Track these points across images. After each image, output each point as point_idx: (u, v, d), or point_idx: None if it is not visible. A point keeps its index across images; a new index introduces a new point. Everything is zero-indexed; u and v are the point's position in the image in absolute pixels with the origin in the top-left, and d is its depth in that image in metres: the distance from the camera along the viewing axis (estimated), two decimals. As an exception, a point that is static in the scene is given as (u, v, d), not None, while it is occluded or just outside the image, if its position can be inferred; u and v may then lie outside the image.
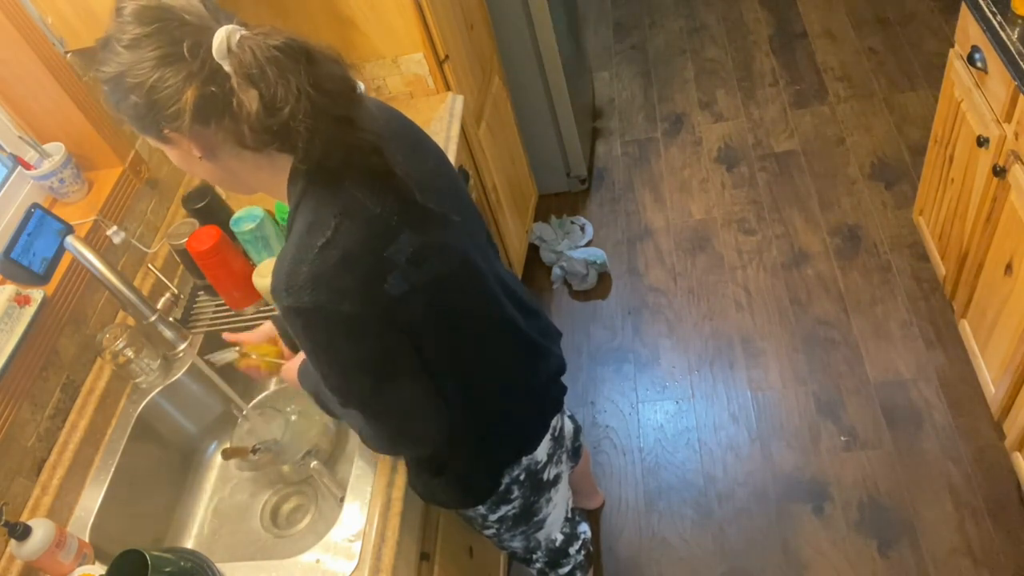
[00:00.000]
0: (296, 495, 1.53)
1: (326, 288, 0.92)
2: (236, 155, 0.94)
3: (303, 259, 0.93)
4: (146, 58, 0.86)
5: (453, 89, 2.08)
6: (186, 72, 0.86)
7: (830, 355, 2.34)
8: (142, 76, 0.86)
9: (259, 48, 0.84)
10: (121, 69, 0.87)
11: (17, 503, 1.34)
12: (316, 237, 0.93)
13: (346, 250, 0.93)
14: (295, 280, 0.92)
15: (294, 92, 0.85)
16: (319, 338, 0.97)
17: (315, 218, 0.94)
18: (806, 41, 3.47)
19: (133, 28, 0.86)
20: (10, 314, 1.36)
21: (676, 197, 2.96)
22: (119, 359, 1.51)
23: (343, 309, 0.93)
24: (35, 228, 1.44)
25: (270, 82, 0.84)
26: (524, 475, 1.31)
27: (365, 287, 0.94)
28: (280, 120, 0.85)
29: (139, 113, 0.90)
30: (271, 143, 0.89)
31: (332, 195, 0.95)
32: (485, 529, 1.40)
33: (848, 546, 1.95)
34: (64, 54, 1.59)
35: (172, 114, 0.88)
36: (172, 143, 0.94)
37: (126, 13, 0.87)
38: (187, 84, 0.86)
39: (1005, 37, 1.60)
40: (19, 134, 1.57)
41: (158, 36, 0.86)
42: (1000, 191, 1.75)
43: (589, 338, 2.58)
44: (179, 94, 0.86)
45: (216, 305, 1.69)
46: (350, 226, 0.93)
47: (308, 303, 0.92)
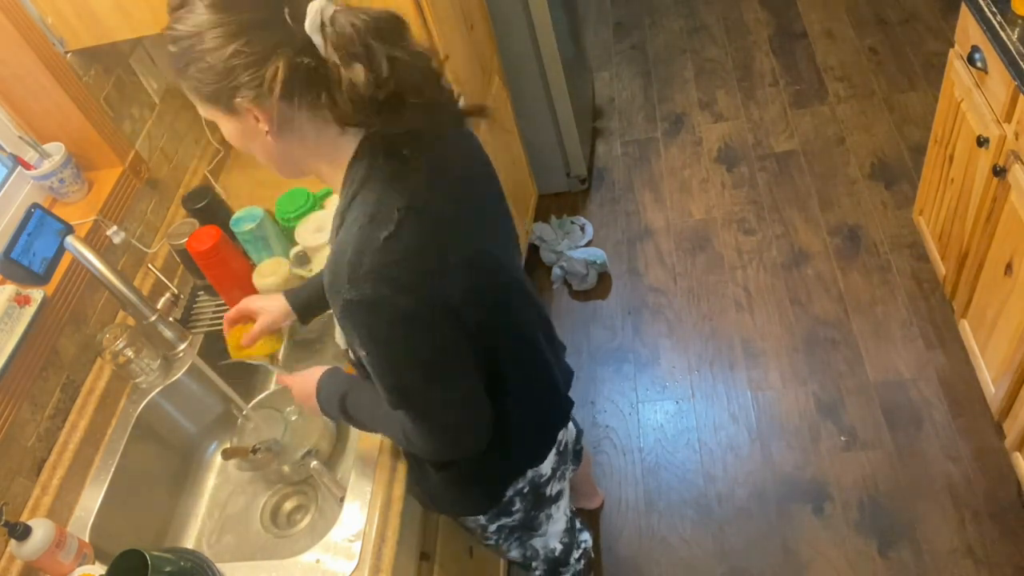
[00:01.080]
0: (296, 495, 1.53)
1: (389, 280, 0.89)
2: (305, 133, 0.91)
3: (365, 250, 0.89)
4: (234, 20, 0.82)
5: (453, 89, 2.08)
6: (277, 39, 0.82)
7: (830, 355, 2.34)
8: (228, 37, 0.82)
9: (357, 21, 0.82)
10: (200, 29, 0.83)
11: (17, 503, 1.34)
12: (380, 229, 0.90)
13: (409, 245, 0.90)
14: (357, 271, 0.89)
15: (398, 64, 0.83)
16: (379, 332, 0.93)
17: (377, 210, 0.91)
18: (806, 41, 3.47)
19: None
20: (10, 314, 1.36)
21: (676, 197, 2.96)
22: (119, 359, 1.51)
23: (404, 303, 0.91)
24: (35, 228, 1.45)
25: (376, 55, 0.82)
26: (528, 488, 1.30)
27: (427, 283, 0.92)
28: (386, 91, 0.83)
29: (211, 78, 0.85)
30: (372, 118, 0.86)
31: (399, 187, 0.92)
32: (485, 539, 1.40)
33: (848, 546, 1.95)
34: (64, 54, 1.59)
35: (252, 82, 0.83)
36: (238, 114, 0.89)
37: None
38: (277, 52, 0.82)
39: (1005, 37, 1.60)
40: (19, 134, 1.57)
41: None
42: (1000, 191, 1.75)
43: (589, 338, 2.58)
44: (264, 61, 0.82)
45: (216, 305, 1.69)
46: (416, 220, 0.91)
47: (371, 295, 0.89)
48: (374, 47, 0.82)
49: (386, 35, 0.83)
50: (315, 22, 0.81)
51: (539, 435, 1.29)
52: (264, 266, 1.57)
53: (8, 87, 1.57)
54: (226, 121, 0.92)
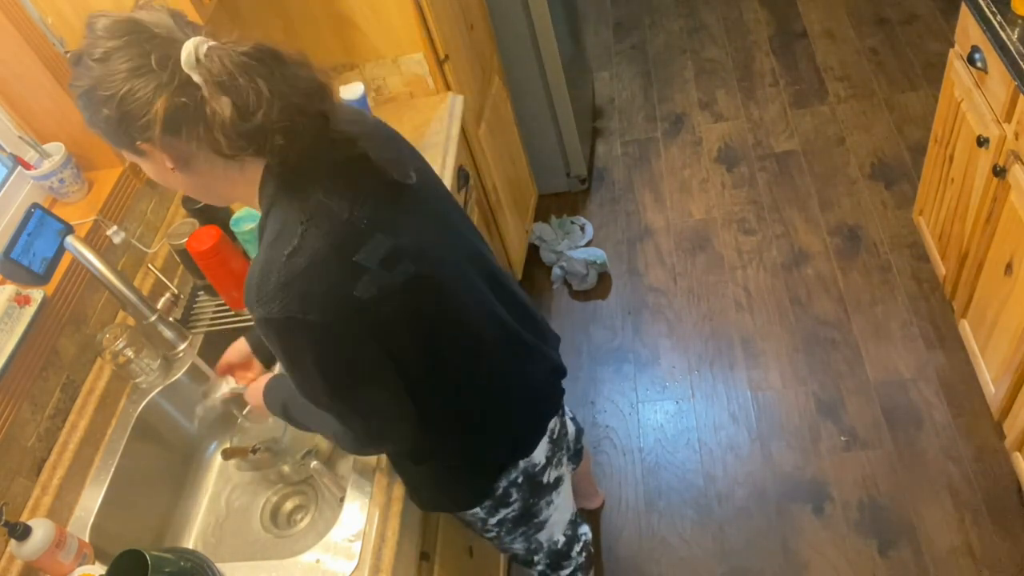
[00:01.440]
0: (296, 495, 1.52)
1: (295, 297, 0.93)
2: (209, 165, 0.95)
3: (271, 268, 0.94)
4: (117, 71, 0.87)
5: (453, 89, 2.08)
6: (156, 83, 0.87)
7: (830, 355, 2.34)
8: (113, 88, 0.87)
9: (227, 56, 0.86)
10: (93, 83, 0.88)
11: (17, 503, 1.34)
12: (284, 246, 0.94)
13: (312, 257, 0.94)
14: (264, 290, 0.94)
15: (266, 95, 0.87)
16: (290, 346, 0.98)
17: (283, 227, 0.95)
18: (806, 41, 3.47)
19: (104, 42, 0.87)
20: (10, 314, 1.36)
21: (676, 197, 2.96)
22: (119, 359, 1.51)
23: (312, 318, 0.94)
24: (35, 228, 1.44)
25: (241, 88, 0.86)
26: (522, 478, 1.30)
27: (334, 293, 0.95)
28: (255, 124, 0.87)
29: (111, 126, 0.91)
30: (246, 148, 0.90)
31: (300, 202, 0.95)
32: (485, 532, 1.40)
33: (848, 546, 1.95)
34: (64, 54, 1.59)
35: (143, 125, 0.89)
36: (146, 155, 0.94)
37: (97, 28, 0.89)
38: (157, 95, 0.87)
39: (1005, 37, 1.60)
40: (19, 134, 1.57)
41: (128, 49, 0.87)
42: (1000, 191, 1.75)
43: (589, 338, 2.58)
44: (149, 105, 0.87)
45: (216, 305, 1.69)
46: (316, 233, 0.94)
47: (278, 313, 0.94)
48: (239, 81, 0.86)
49: (256, 67, 0.87)
50: (190, 59, 0.86)
51: (523, 425, 1.29)
52: (264, 266, 1.57)
53: (8, 87, 1.57)
54: (140, 162, 0.98)
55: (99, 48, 0.88)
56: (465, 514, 1.34)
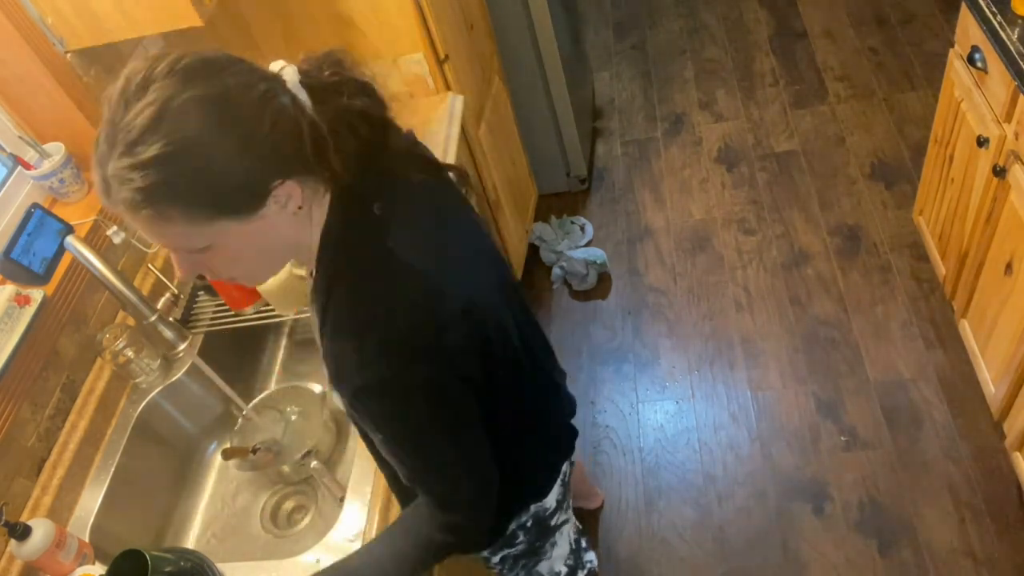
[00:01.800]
0: (296, 495, 1.52)
1: (398, 353, 0.85)
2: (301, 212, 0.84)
3: (366, 328, 0.85)
4: (251, 98, 0.74)
5: (453, 89, 2.08)
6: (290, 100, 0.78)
7: (830, 355, 2.34)
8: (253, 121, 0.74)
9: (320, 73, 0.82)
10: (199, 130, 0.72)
11: (17, 503, 1.34)
12: (376, 303, 0.86)
13: (411, 309, 0.86)
14: (365, 353, 0.85)
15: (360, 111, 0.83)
16: (396, 409, 0.89)
17: (368, 282, 0.87)
18: (806, 41, 3.47)
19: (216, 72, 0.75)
20: (10, 314, 1.36)
21: (676, 197, 2.96)
22: (119, 359, 1.52)
23: (417, 372, 0.87)
24: (35, 228, 1.45)
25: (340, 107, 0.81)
26: (531, 521, 1.26)
27: (435, 343, 0.88)
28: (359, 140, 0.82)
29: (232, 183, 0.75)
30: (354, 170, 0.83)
31: (378, 252, 0.87)
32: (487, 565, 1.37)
33: (848, 546, 1.95)
34: (64, 54, 1.59)
35: (297, 157, 0.77)
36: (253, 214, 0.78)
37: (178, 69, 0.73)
38: (299, 115, 0.78)
39: (1005, 37, 1.60)
40: (19, 134, 1.57)
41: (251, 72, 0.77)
42: (1000, 191, 1.75)
43: (589, 338, 2.58)
44: (298, 128, 0.77)
45: (216, 305, 1.69)
46: (406, 283, 0.87)
47: (385, 374, 0.85)
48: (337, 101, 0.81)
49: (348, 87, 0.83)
50: (294, 81, 0.78)
51: (543, 471, 1.25)
52: (264, 266, 1.57)
53: (8, 87, 1.57)
54: (228, 234, 0.79)
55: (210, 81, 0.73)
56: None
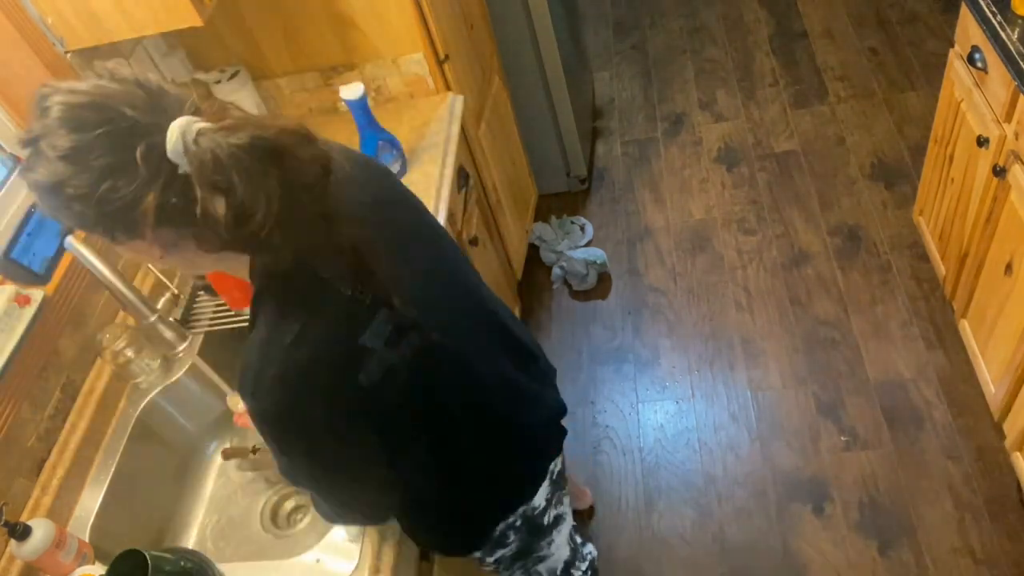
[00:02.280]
0: (296, 495, 1.52)
1: (293, 391, 0.88)
2: (195, 248, 0.83)
3: (270, 360, 0.87)
4: (91, 168, 0.74)
5: (453, 89, 2.08)
6: (140, 180, 0.75)
7: (830, 355, 2.34)
8: (86, 188, 0.74)
9: (221, 148, 0.74)
10: (57, 179, 0.75)
11: (17, 503, 1.34)
12: (284, 335, 0.87)
13: (316, 347, 0.87)
14: (261, 384, 0.88)
15: (263, 199, 0.76)
16: (281, 439, 0.95)
17: (281, 314, 0.88)
18: (806, 41, 3.47)
19: (67, 135, 0.74)
20: (10, 314, 1.36)
21: (676, 197, 2.96)
22: (119, 359, 1.51)
23: (309, 412, 0.90)
24: (35, 228, 1.45)
25: (236, 188, 0.75)
26: (520, 521, 1.26)
27: (337, 384, 0.90)
28: (250, 229, 0.77)
29: (84, 222, 0.79)
30: (240, 250, 0.83)
31: (299, 283, 0.88)
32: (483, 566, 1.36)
33: (848, 546, 1.95)
34: (64, 54, 1.59)
35: (127, 223, 0.77)
36: (125, 245, 0.83)
37: (53, 114, 0.75)
38: (143, 193, 0.75)
39: (1005, 37, 1.60)
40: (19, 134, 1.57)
41: (102, 143, 0.74)
42: (1000, 191, 1.75)
43: (589, 338, 2.58)
44: (135, 205, 0.75)
45: (216, 305, 1.69)
46: (319, 319, 0.88)
47: (271, 408, 0.89)
48: (234, 179, 0.74)
49: (256, 166, 0.76)
50: (177, 148, 0.74)
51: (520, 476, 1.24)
52: (264, 266, 1.57)
53: (8, 87, 1.56)
54: (119, 249, 0.86)
55: (62, 141, 0.74)
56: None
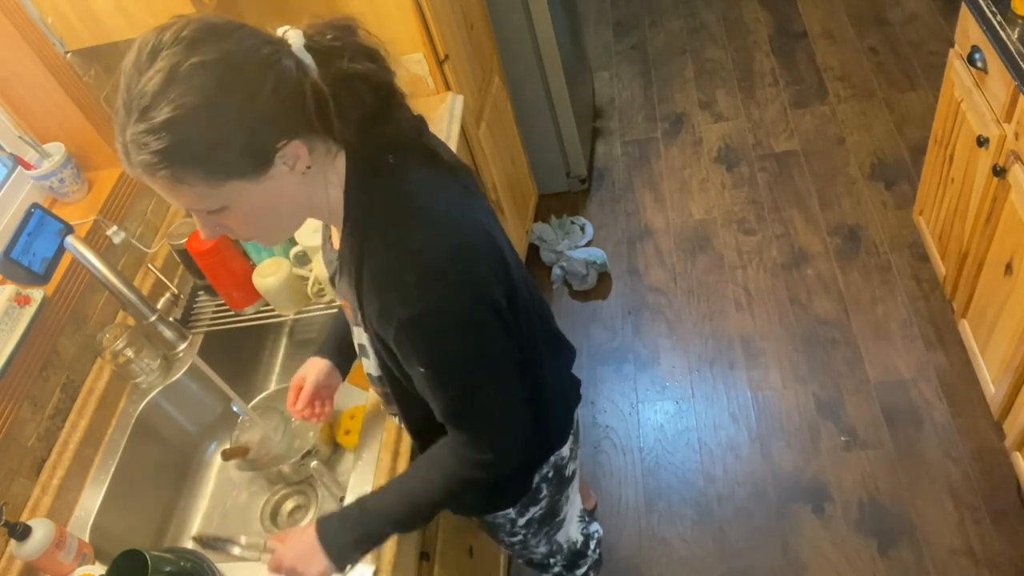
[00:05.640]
0: (296, 495, 1.52)
1: (439, 284, 0.87)
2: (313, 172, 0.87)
3: (405, 263, 0.87)
4: (258, 60, 0.77)
5: (453, 89, 2.08)
6: (293, 65, 0.80)
7: (830, 355, 2.34)
8: (253, 79, 0.76)
9: (333, 37, 0.83)
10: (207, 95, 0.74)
11: (17, 503, 1.34)
12: (409, 240, 0.88)
13: (444, 242, 0.89)
14: (406, 288, 0.87)
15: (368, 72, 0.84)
16: (440, 341, 0.91)
17: (398, 223, 0.89)
18: (806, 41, 3.47)
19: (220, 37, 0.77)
20: (10, 314, 1.36)
21: (676, 197, 2.96)
22: (119, 359, 1.52)
23: (458, 303, 0.89)
24: (35, 228, 1.45)
25: (347, 71, 0.83)
26: (552, 472, 1.29)
27: (473, 273, 0.91)
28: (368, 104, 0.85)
29: (239, 142, 0.77)
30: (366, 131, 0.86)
31: (404, 196, 0.91)
32: (512, 536, 1.37)
33: (848, 546, 1.95)
34: (64, 54, 1.59)
35: (300, 117, 0.80)
36: (264, 174, 0.81)
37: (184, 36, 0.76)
38: (301, 79, 0.80)
39: (1005, 37, 1.60)
40: (19, 134, 1.57)
41: (254, 36, 0.80)
42: (1000, 191, 1.75)
43: (589, 338, 2.58)
44: (301, 90, 0.79)
45: (216, 305, 1.69)
46: (435, 219, 0.90)
47: (425, 306, 0.87)
48: (344, 64, 0.82)
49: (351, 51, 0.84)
50: (299, 43, 0.81)
51: (560, 418, 1.28)
52: (264, 266, 1.57)
53: (8, 87, 1.57)
54: (241, 195, 0.82)
55: (217, 43, 0.76)
56: (496, 517, 1.31)
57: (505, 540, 1.41)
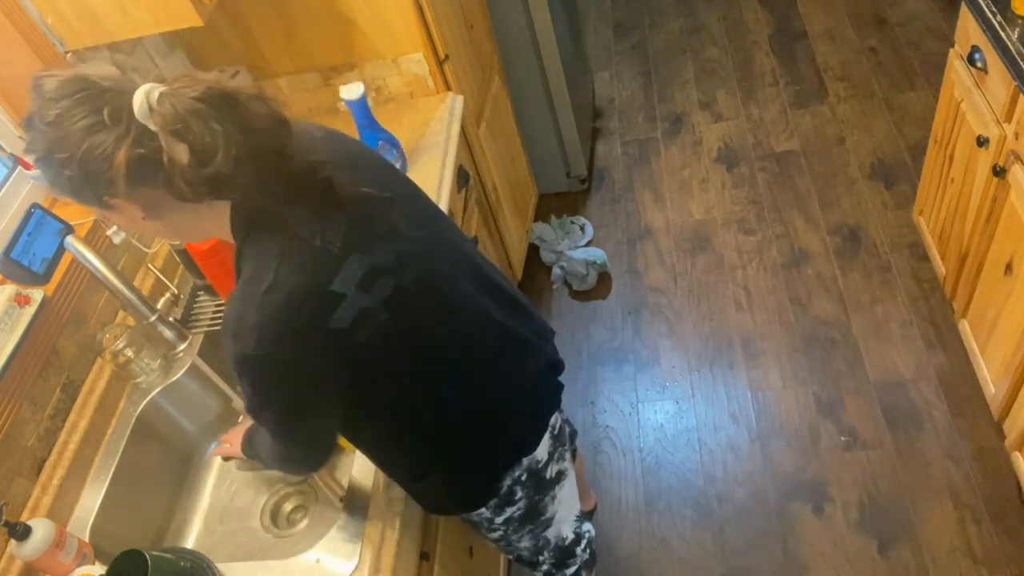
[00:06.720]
0: (296, 495, 1.53)
1: (270, 335, 0.95)
2: (178, 209, 0.95)
3: (248, 306, 0.95)
4: (72, 131, 0.87)
5: (453, 89, 2.08)
6: (113, 137, 0.86)
7: (830, 355, 2.34)
8: (71, 149, 0.87)
9: (180, 102, 0.86)
10: (49, 146, 0.88)
11: (17, 503, 1.34)
12: (260, 283, 0.95)
13: (289, 293, 0.95)
14: (242, 327, 0.95)
15: (221, 140, 0.87)
16: (258, 382, 1.01)
17: (257, 263, 0.97)
18: (806, 41, 3.47)
19: (54, 104, 0.87)
20: (10, 314, 1.36)
21: (676, 197, 2.96)
22: (119, 359, 1.52)
23: (284, 356, 0.96)
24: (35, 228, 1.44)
25: (196, 134, 0.86)
26: (526, 475, 1.30)
27: (309, 328, 0.97)
28: (213, 170, 0.87)
29: (75, 187, 0.91)
30: (208, 193, 0.91)
31: (271, 236, 0.97)
32: (491, 532, 1.39)
33: (848, 546, 1.95)
34: (64, 54, 1.59)
35: (106, 181, 0.88)
36: (114, 209, 0.95)
37: (45, 90, 0.88)
38: (116, 148, 0.87)
39: (1005, 37, 1.60)
40: (19, 134, 1.57)
41: (80, 107, 0.87)
42: (1000, 191, 1.75)
43: (589, 338, 2.58)
44: (110, 160, 0.87)
45: (216, 305, 1.69)
46: (290, 267, 0.95)
47: (251, 351, 0.95)
48: (194, 126, 0.85)
49: (209, 111, 0.86)
50: (143, 108, 0.85)
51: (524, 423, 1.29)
52: (264, 266, 1.57)
53: (8, 87, 1.57)
54: (111, 216, 0.98)
55: (50, 111, 0.87)
56: (471, 515, 1.34)
57: (487, 535, 1.42)
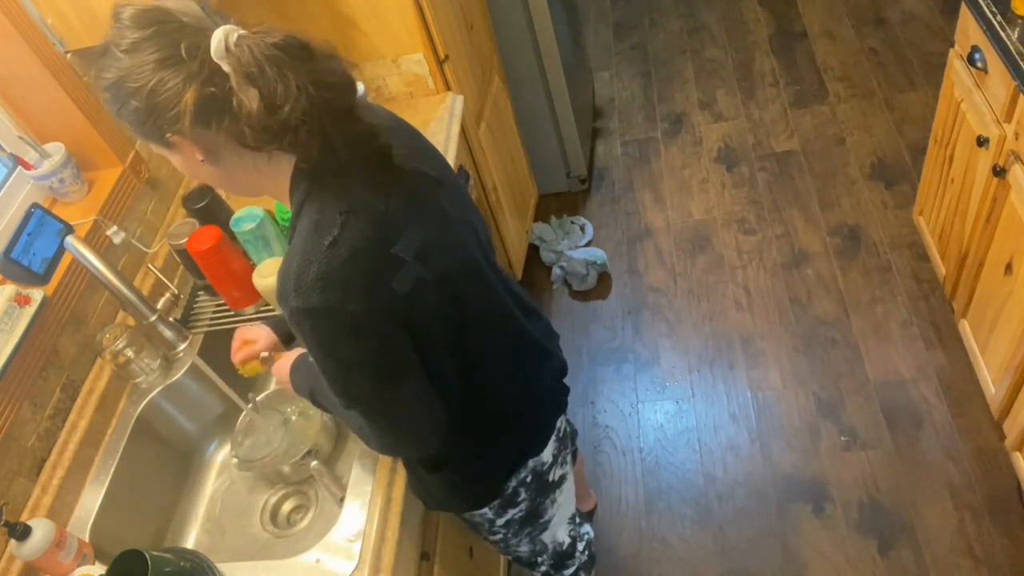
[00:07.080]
0: (296, 495, 1.53)
1: (335, 287, 0.92)
2: (238, 157, 0.94)
3: (311, 259, 0.92)
4: (145, 61, 0.85)
5: (453, 89, 2.08)
6: (185, 73, 0.85)
7: (830, 355, 2.34)
8: (142, 80, 0.86)
9: (257, 46, 0.84)
10: (121, 74, 0.87)
11: (17, 503, 1.34)
12: (323, 236, 0.93)
13: (354, 248, 0.93)
14: (304, 280, 0.92)
15: (293, 90, 0.85)
16: (325, 339, 0.97)
17: (320, 217, 0.94)
18: (806, 41, 3.47)
19: (131, 32, 0.86)
20: (10, 314, 1.36)
21: (676, 197, 2.96)
22: (119, 359, 1.52)
23: (349, 308, 0.93)
24: (35, 228, 1.44)
25: (269, 80, 0.84)
26: (531, 477, 1.30)
27: (373, 285, 0.94)
28: (280, 118, 0.86)
29: (140, 118, 0.90)
30: (272, 142, 0.89)
31: (336, 193, 0.95)
32: (492, 535, 1.39)
33: (848, 546, 1.95)
34: (64, 54, 1.59)
35: (173, 117, 0.87)
36: (174, 147, 0.94)
37: (124, 18, 0.87)
38: (187, 85, 0.85)
39: (1005, 37, 1.60)
40: (19, 134, 1.57)
41: (156, 39, 0.85)
42: (1000, 191, 1.75)
43: (589, 338, 2.58)
44: (179, 96, 0.86)
45: (216, 305, 1.69)
46: (356, 223, 0.93)
47: (317, 303, 0.92)
48: (268, 73, 0.84)
49: (285, 60, 0.85)
50: (219, 48, 0.84)
51: (534, 424, 1.29)
52: (264, 266, 1.57)
53: (8, 87, 1.57)
54: (169, 155, 0.97)
55: (126, 38, 0.86)
56: (473, 515, 1.34)
57: (487, 537, 1.42)
